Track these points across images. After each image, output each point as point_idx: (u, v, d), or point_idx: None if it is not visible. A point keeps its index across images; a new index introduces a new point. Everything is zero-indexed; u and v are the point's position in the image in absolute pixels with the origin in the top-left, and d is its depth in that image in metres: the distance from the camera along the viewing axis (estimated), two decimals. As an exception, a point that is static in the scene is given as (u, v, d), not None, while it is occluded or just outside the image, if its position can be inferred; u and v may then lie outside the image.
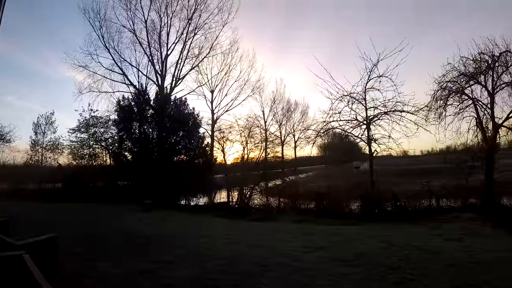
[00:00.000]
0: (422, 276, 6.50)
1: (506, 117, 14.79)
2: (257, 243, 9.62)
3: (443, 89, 15.95)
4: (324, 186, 19.73)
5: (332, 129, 19.48)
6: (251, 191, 20.53)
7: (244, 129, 24.16)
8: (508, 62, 14.50)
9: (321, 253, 8.35)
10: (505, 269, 6.96)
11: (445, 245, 9.31)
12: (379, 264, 7.35)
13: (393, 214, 14.77)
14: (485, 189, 14.83)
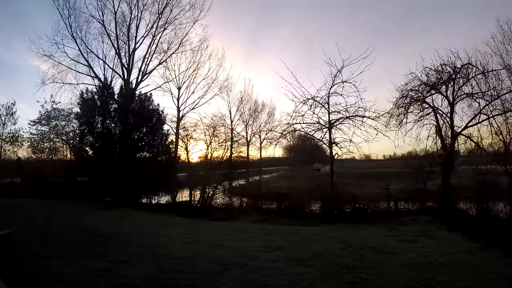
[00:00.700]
0: (377, 276, 6.57)
1: (465, 126, 15.26)
2: (217, 243, 9.46)
3: (404, 97, 16.35)
4: (286, 187, 19.83)
5: (294, 131, 19.71)
6: (214, 190, 20.32)
7: (209, 127, 23.85)
8: (469, 74, 14.97)
9: (279, 253, 8.32)
10: (458, 270, 7.14)
11: (400, 246, 9.49)
12: (335, 263, 7.38)
13: (352, 216, 15.01)
14: (442, 193, 15.27)
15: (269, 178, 37.68)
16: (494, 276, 6.75)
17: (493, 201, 13.52)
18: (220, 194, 20.71)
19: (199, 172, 23.31)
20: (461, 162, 16.45)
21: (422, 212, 15.06)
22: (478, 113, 14.83)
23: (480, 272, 7.01)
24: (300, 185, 20.98)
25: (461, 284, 6.28)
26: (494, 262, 7.76)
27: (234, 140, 33.36)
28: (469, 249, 9.01)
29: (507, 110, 13.61)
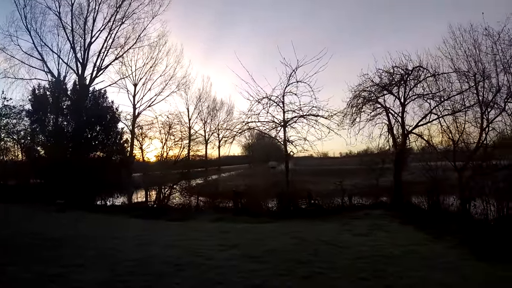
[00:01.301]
0: (330, 270, 6.59)
1: (416, 125, 15.67)
2: (172, 243, 9.15)
3: (358, 97, 16.63)
4: (244, 185, 19.64)
5: (249, 130, 19.68)
6: (170, 190, 19.72)
7: (165, 125, 23.09)
8: (420, 76, 15.36)
9: (235, 251, 8.19)
10: (410, 261, 7.26)
11: (354, 239, 9.55)
12: (289, 259, 7.34)
13: (307, 212, 15.00)
14: (394, 188, 15.62)
15: (227, 177, 37.25)
16: (445, 266, 6.85)
17: (444, 195, 13.89)
18: (177, 194, 20.12)
19: (155, 172, 22.60)
20: (414, 159, 16.94)
21: (375, 207, 15.40)
22: (428, 113, 15.22)
23: (432, 262, 7.13)
24: (257, 183, 20.84)
25: (413, 275, 6.35)
26: (445, 253, 7.91)
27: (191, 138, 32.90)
28: (421, 241, 9.16)
29: (456, 110, 14.07)
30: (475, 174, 12.64)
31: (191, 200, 18.95)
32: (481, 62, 12.97)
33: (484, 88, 12.96)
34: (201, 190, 20.44)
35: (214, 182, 26.67)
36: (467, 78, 13.55)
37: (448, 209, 13.23)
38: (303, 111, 17.18)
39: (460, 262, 7.14)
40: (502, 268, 6.68)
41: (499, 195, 10.25)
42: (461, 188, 12.85)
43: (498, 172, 11.55)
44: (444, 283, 5.96)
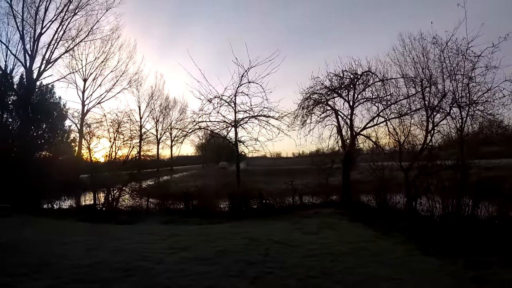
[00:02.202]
0: (280, 269, 6.51)
1: (363, 127, 16.07)
2: (121, 248, 8.62)
3: (308, 99, 16.82)
4: (195, 186, 19.26)
5: (199, 130, 19.40)
6: (119, 192, 18.87)
7: (114, 123, 22.04)
8: (369, 81, 15.82)
9: (185, 254, 7.87)
10: (358, 258, 7.30)
11: (304, 238, 9.54)
12: (240, 260, 7.17)
13: (258, 211, 14.95)
14: (343, 187, 15.93)
15: (179, 178, 36.36)
16: (393, 262, 6.93)
17: (391, 193, 14.35)
18: (126, 196, 19.31)
19: (104, 173, 21.56)
20: (363, 159, 17.36)
21: (325, 205, 15.65)
22: (376, 115, 15.64)
23: (379, 258, 7.18)
24: (209, 183, 20.57)
25: (361, 271, 6.39)
26: (392, 249, 8.03)
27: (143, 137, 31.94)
28: (369, 238, 9.30)
29: (402, 114, 14.52)
30: (421, 174, 13.06)
31: (141, 202, 18.25)
32: (428, 69, 13.48)
33: (430, 93, 13.44)
34: (152, 192, 19.73)
35: (165, 183, 25.91)
36: (414, 83, 14.06)
37: (395, 207, 13.63)
38: (254, 112, 17.27)
39: (407, 258, 7.24)
40: (448, 262, 6.83)
41: (444, 193, 10.59)
42: (407, 187, 13.26)
43: (443, 171, 11.96)
44: (392, 278, 5.97)
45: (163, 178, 30.47)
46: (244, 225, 12.24)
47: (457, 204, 10.09)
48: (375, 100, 15.72)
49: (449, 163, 12.22)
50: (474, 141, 12.45)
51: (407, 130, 14.48)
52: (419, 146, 14.01)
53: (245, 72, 16.72)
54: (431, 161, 13.12)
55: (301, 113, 16.98)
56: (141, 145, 26.80)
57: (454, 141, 12.83)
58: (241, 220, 13.62)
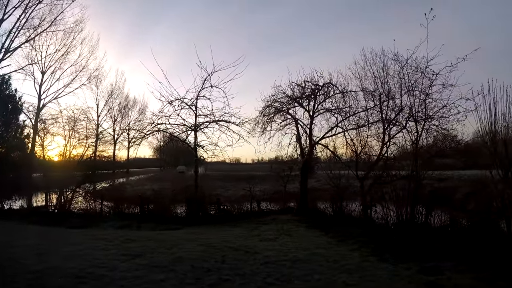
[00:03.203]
0: (237, 276, 6.49)
1: (322, 137, 16.38)
2: (74, 253, 8.16)
3: (270, 107, 16.94)
4: (152, 190, 18.81)
5: (158, 132, 18.90)
6: (73, 193, 18.00)
7: (70, 121, 21.00)
8: (330, 92, 16.14)
9: (140, 260, 7.58)
10: (315, 264, 7.36)
11: (261, 245, 9.51)
12: (197, 267, 7.05)
13: (216, 217, 14.80)
14: (301, 194, 16.10)
15: (136, 181, 35.41)
16: (349, 268, 7.04)
17: (347, 201, 14.70)
18: (80, 198, 18.46)
19: (58, 173, 20.52)
20: (321, 168, 17.59)
21: (283, 212, 15.75)
22: (335, 126, 16.00)
23: (336, 265, 7.28)
24: (166, 187, 20.14)
25: (317, 277, 6.45)
26: (348, 255, 8.16)
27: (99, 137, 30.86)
28: (326, 244, 9.40)
29: (360, 125, 14.92)
30: (376, 183, 13.46)
31: (95, 205, 17.52)
32: (387, 84, 13.84)
33: (388, 107, 13.86)
34: (107, 195, 19.00)
35: (121, 186, 25.18)
36: (373, 97, 14.44)
37: (351, 214, 13.92)
38: (215, 116, 17.05)
39: (363, 264, 7.38)
40: (403, 268, 7.03)
41: (398, 202, 10.93)
42: (363, 195, 13.56)
43: (397, 181, 12.33)
44: (349, 283, 6.07)
45: (119, 181, 29.65)
46: (201, 231, 12.04)
47: (411, 213, 10.45)
48: (335, 111, 16.07)
49: (403, 174, 12.60)
50: (428, 153, 12.91)
51: (364, 141, 14.85)
52: (375, 156, 14.38)
53: (208, 76, 16.53)
54: (386, 171, 13.52)
55: (262, 120, 17.09)
56: (97, 145, 25.72)
57: (409, 153, 13.24)
58: (198, 226, 13.41)
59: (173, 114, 17.03)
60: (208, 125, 17.22)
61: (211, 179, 23.79)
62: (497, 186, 8.00)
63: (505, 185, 7.74)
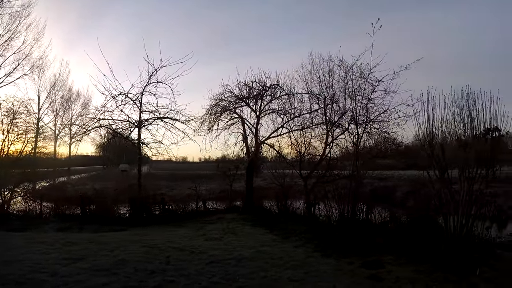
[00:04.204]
0: (182, 277, 6.46)
1: (268, 137, 16.55)
2: (13, 258, 7.63)
3: (217, 105, 16.86)
4: (94, 189, 18.05)
5: (100, 128, 18.01)
6: (10, 194, 16.75)
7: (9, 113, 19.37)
8: (276, 93, 16.37)
9: (81, 264, 7.26)
10: (260, 262, 7.48)
11: (206, 244, 9.45)
12: (141, 269, 6.91)
13: (161, 218, 14.45)
14: (246, 193, 16.29)
15: (77, 180, 33.64)
16: (293, 264, 7.22)
17: (292, 199, 15.11)
18: (19, 199, 17.26)
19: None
20: (267, 167, 17.79)
21: (229, 211, 15.71)
22: (280, 126, 16.21)
23: (280, 262, 7.43)
24: (109, 187, 19.43)
25: (263, 275, 6.54)
26: (292, 252, 8.34)
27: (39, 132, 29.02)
28: (270, 242, 9.52)
29: (305, 127, 15.22)
30: (319, 182, 13.87)
31: (35, 206, 16.45)
32: (332, 88, 14.22)
33: (332, 110, 14.26)
34: (47, 195, 17.96)
35: (62, 186, 23.92)
36: (318, 100, 14.80)
37: (296, 212, 14.24)
38: (160, 113, 16.56)
39: (307, 260, 7.59)
40: (346, 262, 7.33)
41: (340, 200, 11.33)
42: (307, 194, 13.91)
43: (339, 180, 12.79)
44: (293, 279, 6.25)
45: (60, 180, 28.12)
46: (145, 232, 11.73)
47: (352, 210, 10.86)
48: (281, 112, 16.32)
49: (345, 173, 13.06)
50: (369, 154, 13.49)
51: (308, 142, 15.20)
52: (318, 156, 14.77)
53: (154, 71, 15.90)
54: (329, 171, 13.96)
55: (209, 118, 16.94)
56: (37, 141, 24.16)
57: (351, 154, 13.69)
58: (142, 227, 13.02)
59: (116, 109, 16.23)
60: (153, 122, 16.70)
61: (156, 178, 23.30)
62: (434, 186, 8.50)
63: (441, 184, 8.23)
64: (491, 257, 7.51)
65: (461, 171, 7.81)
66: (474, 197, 7.67)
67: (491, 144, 7.62)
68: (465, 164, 7.77)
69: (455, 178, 7.96)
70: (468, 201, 7.59)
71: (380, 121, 13.35)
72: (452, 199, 7.88)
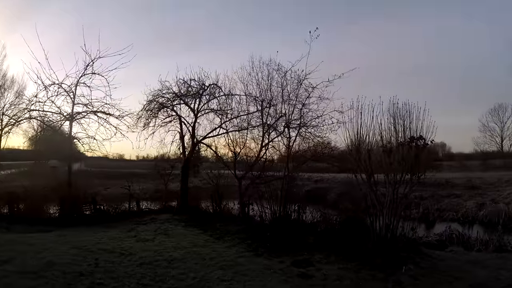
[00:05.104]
0: (111, 279, 6.41)
1: (205, 136, 16.43)
2: None
3: (154, 102, 16.45)
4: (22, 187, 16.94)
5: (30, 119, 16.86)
6: None
7: None
8: (215, 93, 16.31)
9: (8, 267, 6.96)
10: (190, 263, 7.52)
11: (137, 245, 9.29)
12: (69, 272, 6.73)
13: (92, 218, 13.86)
14: (181, 193, 15.99)
15: (5, 176, 31.28)
16: (224, 264, 7.37)
17: (228, 200, 15.32)
18: None
19: None
20: (205, 167, 17.73)
21: (163, 211, 15.45)
22: (218, 126, 16.16)
23: (211, 262, 7.55)
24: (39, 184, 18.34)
25: (193, 276, 6.62)
26: (224, 252, 8.46)
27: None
28: (203, 243, 9.56)
29: (242, 128, 15.38)
30: (254, 183, 14.11)
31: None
32: (270, 91, 14.50)
33: (269, 113, 14.58)
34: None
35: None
36: (256, 102, 15.00)
37: (231, 212, 14.47)
38: (94, 107, 15.79)
39: (238, 260, 7.77)
40: (277, 261, 7.61)
41: (273, 200, 11.63)
42: (241, 194, 14.15)
43: (273, 182, 13.11)
44: (223, 279, 6.39)
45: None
46: (75, 233, 11.17)
47: (284, 210, 11.19)
48: (219, 112, 16.32)
49: (279, 175, 13.40)
50: (303, 157, 13.96)
51: (244, 143, 15.43)
52: (254, 157, 15.04)
53: (91, 62, 15.09)
54: (264, 172, 14.26)
55: (145, 115, 16.37)
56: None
57: (285, 156, 14.04)
58: (72, 228, 12.38)
59: (48, 100, 15.34)
60: (86, 115, 15.92)
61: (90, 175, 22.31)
62: (362, 189, 9.00)
63: (368, 188, 8.75)
64: (417, 255, 8.13)
65: (386, 176, 8.37)
66: (398, 200, 8.23)
67: (416, 152, 8.16)
68: (389, 169, 8.32)
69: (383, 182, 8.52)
70: (392, 203, 8.14)
71: (314, 126, 13.90)
72: (378, 201, 8.41)
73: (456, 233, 12.21)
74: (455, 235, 12.01)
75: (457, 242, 11.49)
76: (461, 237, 11.87)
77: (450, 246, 10.85)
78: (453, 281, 6.58)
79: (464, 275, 6.91)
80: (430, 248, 9.89)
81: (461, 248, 10.58)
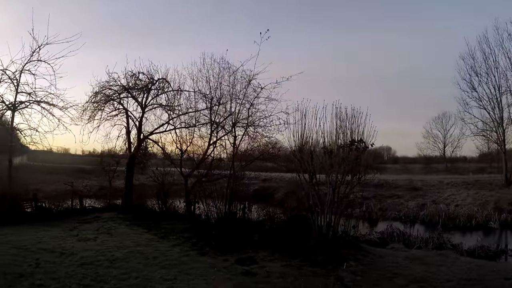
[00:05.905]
0: (51, 280, 6.27)
1: (152, 132, 16.31)
2: None
3: (101, 94, 15.93)
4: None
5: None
6: None
7: None
8: (164, 88, 16.23)
9: None
10: (133, 262, 7.51)
11: (79, 245, 9.10)
12: (7, 273, 6.55)
13: (32, 216, 13.30)
14: (126, 191, 15.72)
15: None
16: (167, 264, 7.43)
17: (174, 198, 15.26)
18: None
19: None
20: (152, 164, 17.43)
21: (107, 210, 15.15)
22: (166, 122, 16.09)
23: (154, 261, 7.59)
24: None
25: (136, 275, 6.62)
26: (168, 251, 8.50)
27: None
28: (147, 242, 9.52)
29: (191, 125, 15.42)
30: (200, 181, 14.15)
31: None
32: (220, 89, 14.56)
33: (217, 111, 14.68)
34: None
35: None
36: (205, 100, 15.03)
37: (178, 211, 14.42)
38: (37, 96, 14.76)
39: (182, 259, 7.84)
40: (221, 260, 7.76)
41: (219, 199, 11.75)
42: (187, 193, 14.19)
43: (219, 180, 13.23)
44: (166, 278, 6.44)
45: None
46: (15, 232, 10.71)
47: (230, 209, 11.37)
48: (167, 108, 16.17)
49: (225, 173, 13.54)
50: (251, 156, 14.20)
51: (191, 140, 15.46)
52: (201, 155, 15.07)
53: (38, 48, 14.16)
54: (211, 170, 14.31)
55: (91, 107, 15.79)
56: None
57: (232, 155, 14.20)
58: (12, 226, 11.82)
59: None
60: (29, 105, 14.82)
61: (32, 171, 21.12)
62: (304, 188, 9.34)
63: (311, 187, 9.09)
64: (358, 252, 8.50)
65: (327, 176, 8.73)
66: (339, 199, 8.60)
67: (356, 154, 8.57)
68: (330, 170, 8.68)
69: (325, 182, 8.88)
70: (333, 203, 8.48)
71: (262, 126, 14.20)
72: (320, 200, 8.76)
73: (397, 231, 12.85)
74: (396, 233, 12.65)
75: (398, 240, 12.12)
76: (402, 235, 12.53)
77: (391, 244, 11.42)
78: (393, 277, 6.93)
79: (403, 271, 7.31)
80: (372, 245, 10.44)
81: (401, 245, 11.15)
